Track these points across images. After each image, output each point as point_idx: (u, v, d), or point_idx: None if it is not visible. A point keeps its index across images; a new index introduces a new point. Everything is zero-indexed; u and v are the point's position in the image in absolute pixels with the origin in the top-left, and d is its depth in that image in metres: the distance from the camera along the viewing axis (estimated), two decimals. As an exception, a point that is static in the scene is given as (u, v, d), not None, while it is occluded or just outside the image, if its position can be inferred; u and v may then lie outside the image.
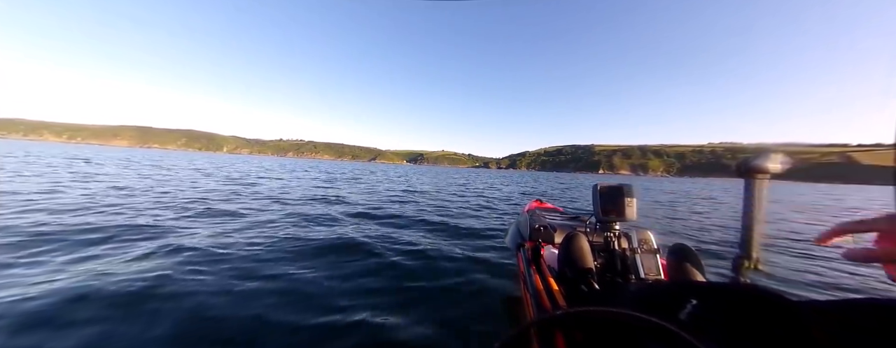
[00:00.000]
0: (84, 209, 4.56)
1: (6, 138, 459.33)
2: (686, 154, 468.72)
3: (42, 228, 3.42)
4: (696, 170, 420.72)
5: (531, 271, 1.64)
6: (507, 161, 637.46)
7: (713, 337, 0.64)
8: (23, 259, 2.59)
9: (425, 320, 1.97)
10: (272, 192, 8.13)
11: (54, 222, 3.71)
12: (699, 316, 0.71)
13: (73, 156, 22.12)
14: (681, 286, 0.88)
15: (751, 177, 0.95)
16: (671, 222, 6.57)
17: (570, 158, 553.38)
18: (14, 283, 2.14)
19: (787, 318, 0.62)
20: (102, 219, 4.03)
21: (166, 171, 12.80)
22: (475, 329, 1.94)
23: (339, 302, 2.13)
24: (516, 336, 0.69)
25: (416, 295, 2.31)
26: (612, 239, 1.67)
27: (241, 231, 3.89)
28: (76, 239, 3.17)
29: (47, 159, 15.64)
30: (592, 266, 1.49)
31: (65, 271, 2.40)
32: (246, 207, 5.61)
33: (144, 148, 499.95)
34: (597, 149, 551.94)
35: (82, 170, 10.82)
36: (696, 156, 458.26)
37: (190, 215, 4.66)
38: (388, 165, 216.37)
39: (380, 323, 1.89)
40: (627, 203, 1.72)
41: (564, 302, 1.36)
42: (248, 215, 4.88)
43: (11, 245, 2.87)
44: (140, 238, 3.32)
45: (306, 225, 4.46)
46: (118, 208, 4.78)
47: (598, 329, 0.96)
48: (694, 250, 1.40)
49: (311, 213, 5.33)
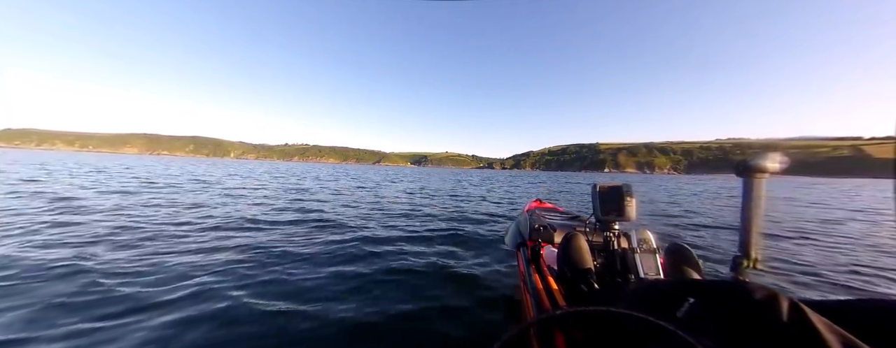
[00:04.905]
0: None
1: (21, 148, 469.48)
2: (693, 151, 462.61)
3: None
4: (704, 166, 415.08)
5: (531, 271, 1.64)
6: (511, 161, 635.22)
7: (711, 336, 0.63)
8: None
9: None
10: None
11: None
12: (697, 315, 0.71)
13: (127, 166, 21.01)
14: (679, 285, 0.88)
15: (750, 176, 0.94)
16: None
17: (574, 157, 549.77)
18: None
19: (785, 317, 0.61)
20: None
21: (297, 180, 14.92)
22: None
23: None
24: (516, 335, 0.69)
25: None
26: (612, 238, 1.67)
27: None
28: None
29: (121, 171, 15.69)
30: (592, 265, 1.49)
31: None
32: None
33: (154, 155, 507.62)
34: (602, 147, 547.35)
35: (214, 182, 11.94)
36: (704, 152, 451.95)
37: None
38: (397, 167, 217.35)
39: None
40: (627, 202, 1.72)
41: (564, 302, 1.36)
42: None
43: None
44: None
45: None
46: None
47: (598, 328, 0.96)
48: (690, 249, 1.39)
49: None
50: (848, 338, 0.57)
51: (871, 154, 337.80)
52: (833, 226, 6.03)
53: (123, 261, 2.85)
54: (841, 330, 0.58)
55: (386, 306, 2.19)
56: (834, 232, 5.46)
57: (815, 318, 0.60)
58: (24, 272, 2.54)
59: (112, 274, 2.55)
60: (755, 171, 0.93)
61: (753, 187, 0.94)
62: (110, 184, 9.68)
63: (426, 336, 1.85)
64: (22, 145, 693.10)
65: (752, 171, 0.94)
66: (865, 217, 7.64)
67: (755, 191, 0.94)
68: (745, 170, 0.95)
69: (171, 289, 2.31)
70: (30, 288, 2.28)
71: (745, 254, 0.99)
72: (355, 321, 1.99)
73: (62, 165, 18.84)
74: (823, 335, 0.56)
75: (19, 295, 2.18)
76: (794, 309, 0.62)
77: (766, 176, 0.94)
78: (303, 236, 4.11)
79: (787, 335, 0.59)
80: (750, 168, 0.93)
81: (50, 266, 2.64)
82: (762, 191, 0.94)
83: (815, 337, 0.56)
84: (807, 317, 0.60)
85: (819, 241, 4.65)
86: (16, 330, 1.76)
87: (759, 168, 0.92)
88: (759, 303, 0.64)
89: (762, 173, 0.93)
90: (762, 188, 0.94)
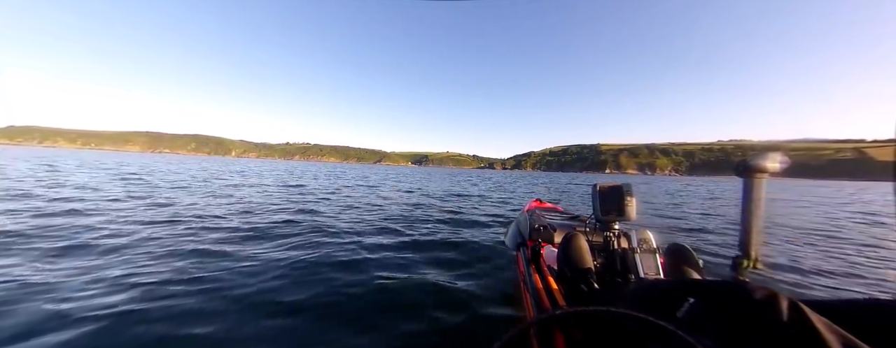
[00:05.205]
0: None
1: (23, 146, 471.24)
2: (695, 152, 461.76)
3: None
4: (706, 168, 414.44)
5: (531, 271, 1.64)
6: (512, 161, 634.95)
7: (711, 336, 0.63)
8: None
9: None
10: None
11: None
12: (697, 315, 0.71)
13: (151, 168, 19.35)
14: (679, 285, 0.88)
15: (750, 176, 0.94)
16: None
17: (575, 158, 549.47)
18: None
19: (785, 317, 0.61)
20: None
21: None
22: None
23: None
24: (516, 335, 0.69)
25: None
26: (612, 238, 1.67)
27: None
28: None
29: (152, 172, 14.70)
30: (592, 265, 1.49)
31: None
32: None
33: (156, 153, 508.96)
34: (603, 148, 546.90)
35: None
36: (706, 154, 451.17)
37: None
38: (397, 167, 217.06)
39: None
40: (627, 202, 1.72)
41: (564, 302, 1.36)
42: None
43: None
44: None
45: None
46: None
47: (598, 328, 0.96)
48: (690, 249, 1.39)
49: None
50: (848, 338, 0.57)
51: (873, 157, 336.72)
52: (833, 228, 6.01)
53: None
54: (841, 330, 0.58)
55: (385, 307, 2.19)
56: (834, 233, 5.45)
57: (814, 318, 0.59)
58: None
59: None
60: (755, 171, 0.93)
61: (753, 187, 0.94)
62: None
63: (426, 336, 1.85)
64: (25, 142, 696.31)
65: (752, 171, 0.94)
66: (865, 218, 7.62)
67: (755, 192, 0.94)
68: (745, 170, 0.95)
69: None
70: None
71: (745, 253, 0.99)
72: (356, 320, 1.99)
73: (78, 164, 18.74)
74: (823, 335, 0.56)
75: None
76: (793, 309, 0.61)
77: (765, 176, 0.94)
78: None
79: (787, 335, 0.58)
80: (750, 168, 0.93)
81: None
82: (762, 191, 0.94)
83: (814, 336, 0.56)
84: (807, 317, 0.59)
85: (818, 241, 4.64)
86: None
87: (759, 168, 0.92)
88: (759, 303, 0.64)
89: (762, 173, 0.93)
90: (762, 188, 0.94)
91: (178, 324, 1.84)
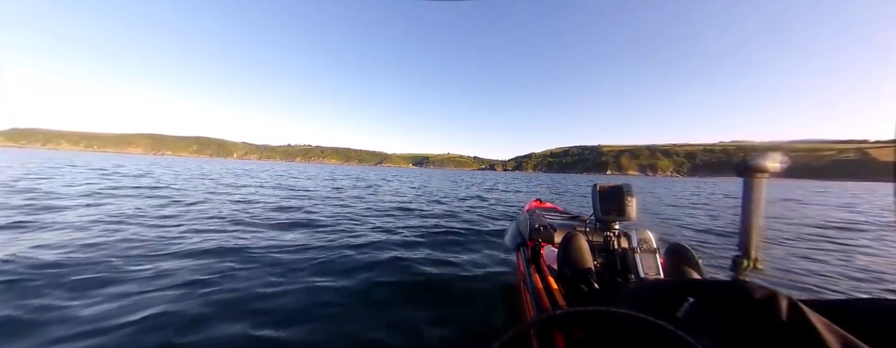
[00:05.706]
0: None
1: (26, 148, 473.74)
2: (696, 153, 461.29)
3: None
4: (707, 169, 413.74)
5: (531, 271, 1.64)
6: (513, 163, 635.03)
7: (711, 336, 0.63)
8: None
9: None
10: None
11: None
12: (697, 315, 0.70)
13: (176, 171, 18.33)
14: (679, 285, 0.88)
15: (750, 176, 0.94)
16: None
17: (576, 159, 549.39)
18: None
19: (785, 317, 0.61)
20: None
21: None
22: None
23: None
24: (516, 336, 0.69)
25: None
26: (612, 238, 1.66)
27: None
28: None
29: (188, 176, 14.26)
30: (592, 265, 1.48)
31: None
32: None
33: (158, 155, 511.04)
34: (604, 149, 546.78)
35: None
36: (707, 155, 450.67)
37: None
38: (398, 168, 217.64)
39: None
40: (627, 202, 1.71)
41: (564, 302, 1.36)
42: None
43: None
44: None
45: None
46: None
47: (598, 328, 0.95)
48: (690, 249, 1.38)
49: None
50: (848, 338, 0.57)
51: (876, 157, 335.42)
52: (835, 228, 5.98)
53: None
54: (841, 330, 0.58)
55: (383, 306, 2.19)
56: (835, 233, 5.42)
57: (814, 318, 0.59)
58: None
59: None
60: (755, 171, 0.93)
61: (754, 187, 0.94)
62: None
63: (426, 337, 1.85)
64: (28, 145, 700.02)
65: (753, 171, 0.93)
66: (864, 219, 7.57)
67: (755, 191, 0.94)
68: (746, 169, 0.94)
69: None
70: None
71: (745, 253, 0.98)
72: (355, 321, 1.99)
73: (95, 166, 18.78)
74: (823, 335, 0.56)
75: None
76: (793, 308, 0.61)
77: (766, 176, 0.93)
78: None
79: (786, 335, 0.58)
80: (750, 168, 0.93)
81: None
82: (762, 191, 0.94)
83: (814, 336, 0.56)
84: (806, 317, 0.59)
85: (819, 242, 4.62)
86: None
87: (760, 168, 0.92)
88: (759, 303, 0.64)
89: (762, 173, 0.93)
90: (762, 188, 0.94)
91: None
